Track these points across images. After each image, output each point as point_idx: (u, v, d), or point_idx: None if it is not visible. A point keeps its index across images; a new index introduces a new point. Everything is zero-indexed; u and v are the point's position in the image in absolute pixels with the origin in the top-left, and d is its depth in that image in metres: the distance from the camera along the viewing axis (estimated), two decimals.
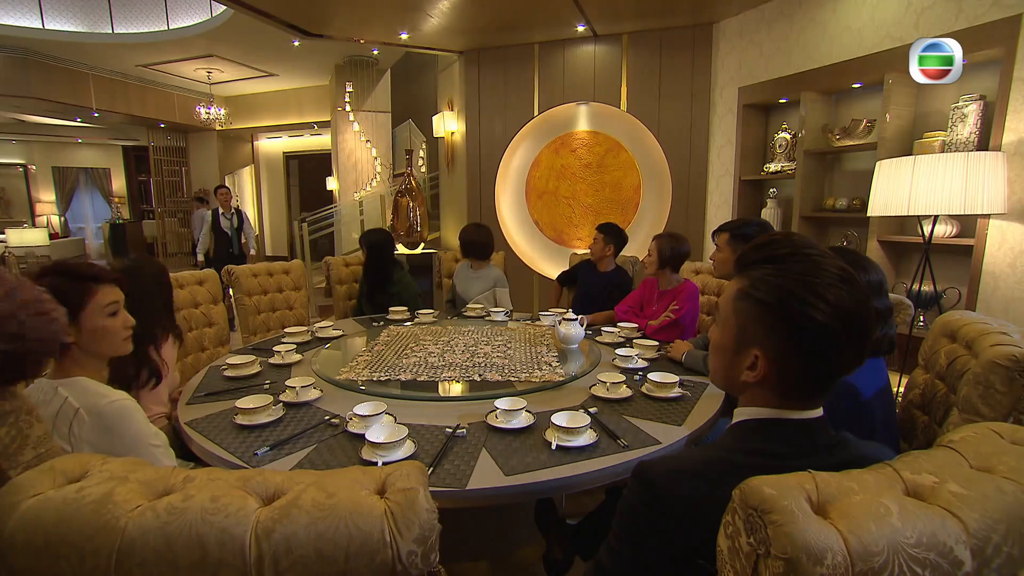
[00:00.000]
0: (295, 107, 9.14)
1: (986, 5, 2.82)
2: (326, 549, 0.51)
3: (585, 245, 5.42)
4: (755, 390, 0.75)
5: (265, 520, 0.52)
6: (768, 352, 0.71)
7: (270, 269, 2.82)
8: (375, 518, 0.53)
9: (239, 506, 0.53)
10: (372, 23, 4.58)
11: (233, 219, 5.67)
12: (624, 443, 1.36)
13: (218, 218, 5.64)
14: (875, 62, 3.30)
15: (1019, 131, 2.71)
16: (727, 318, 0.77)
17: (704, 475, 0.71)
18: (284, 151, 10.29)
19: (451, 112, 5.67)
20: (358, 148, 7.99)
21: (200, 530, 0.51)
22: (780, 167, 4.00)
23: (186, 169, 10.13)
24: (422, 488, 0.57)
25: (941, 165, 2.60)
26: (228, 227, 5.67)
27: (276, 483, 0.57)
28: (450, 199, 6.31)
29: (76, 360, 1.18)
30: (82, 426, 1.11)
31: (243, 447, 1.36)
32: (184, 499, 0.54)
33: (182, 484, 0.57)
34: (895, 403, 1.41)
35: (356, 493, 0.55)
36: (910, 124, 3.28)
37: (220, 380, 1.88)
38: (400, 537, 0.53)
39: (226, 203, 5.68)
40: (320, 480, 0.57)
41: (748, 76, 4.16)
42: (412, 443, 1.31)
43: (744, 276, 0.76)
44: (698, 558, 0.69)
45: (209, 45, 7.16)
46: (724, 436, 0.79)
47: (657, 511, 0.70)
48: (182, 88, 9.00)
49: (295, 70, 8.11)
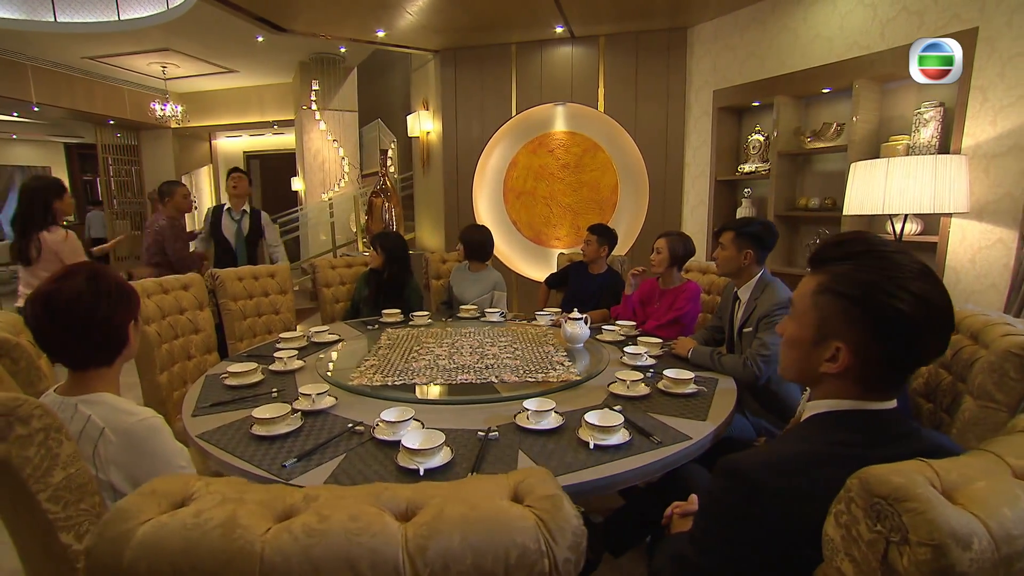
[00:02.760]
0: (256, 105, 8.81)
1: (946, 18, 3.01)
2: (485, 564, 0.49)
3: (564, 245, 5.47)
4: (834, 381, 0.78)
5: (414, 537, 0.50)
6: (852, 344, 0.74)
7: (255, 272, 2.71)
8: (528, 528, 0.51)
9: (381, 524, 0.50)
10: (348, 19, 4.48)
11: (243, 222, 3.61)
12: (657, 440, 1.38)
13: (220, 218, 3.60)
14: (844, 68, 3.47)
15: (977, 136, 2.91)
16: (805, 312, 0.80)
17: (795, 467, 0.73)
18: (245, 151, 9.90)
19: (426, 111, 5.60)
20: (325, 148, 7.78)
21: (348, 552, 0.48)
22: (754, 168, 4.15)
23: (138, 168, 9.60)
24: (564, 494, 0.56)
25: (912, 167, 2.76)
26: (233, 233, 3.57)
27: (406, 497, 0.55)
28: (425, 199, 6.24)
29: (101, 374, 1.10)
30: (108, 447, 1.03)
31: (267, 459, 1.30)
32: (320, 520, 0.50)
33: (305, 503, 0.53)
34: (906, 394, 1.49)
35: (497, 503, 0.54)
36: (876, 127, 3.47)
37: (221, 389, 1.79)
38: (556, 545, 0.51)
39: (239, 196, 3.60)
40: (454, 492, 0.55)
41: (722, 79, 4.29)
42: (449, 448, 1.29)
43: (823, 272, 0.78)
44: (793, 548, 0.71)
45: (165, 38, 6.81)
46: (805, 428, 0.82)
47: (755, 504, 0.72)
48: (134, 83, 8.52)
49: (257, 67, 7.82)
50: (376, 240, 3.02)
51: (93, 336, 1.06)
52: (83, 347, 1.06)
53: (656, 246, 2.61)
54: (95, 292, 1.05)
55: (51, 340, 1.05)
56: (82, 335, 1.05)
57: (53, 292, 1.03)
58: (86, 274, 1.06)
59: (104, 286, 1.07)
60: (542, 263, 5.51)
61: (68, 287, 1.03)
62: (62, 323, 1.03)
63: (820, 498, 0.70)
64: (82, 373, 1.09)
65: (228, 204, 3.63)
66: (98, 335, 1.06)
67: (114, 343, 1.10)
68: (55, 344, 1.05)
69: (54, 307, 1.02)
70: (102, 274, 1.09)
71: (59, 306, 1.02)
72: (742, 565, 0.74)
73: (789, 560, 0.71)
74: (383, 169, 5.50)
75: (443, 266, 3.58)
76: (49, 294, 1.03)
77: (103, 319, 1.06)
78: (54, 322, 1.03)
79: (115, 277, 1.11)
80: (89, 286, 1.05)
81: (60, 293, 1.03)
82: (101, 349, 1.08)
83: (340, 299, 3.20)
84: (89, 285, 1.05)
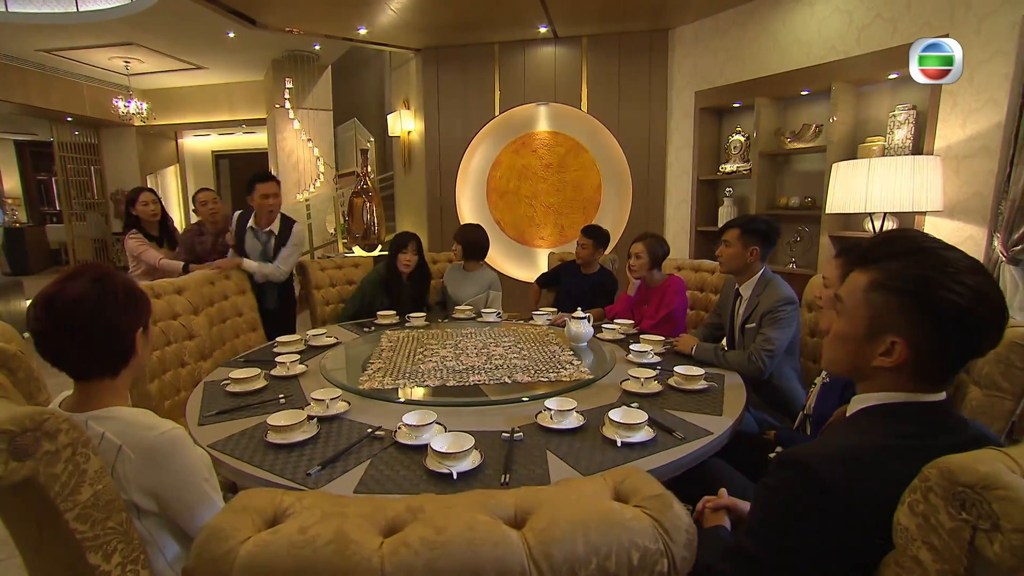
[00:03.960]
0: (226, 103, 8.54)
1: (918, 25, 3.14)
2: (610, 566, 0.48)
3: (548, 244, 5.49)
4: (887, 375, 0.80)
5: (536, 544, 0.48)
6: (909, 338, 0.76)
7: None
8: (645, 528, 0.51)
9: (500, 532, 0.49)
10: (330, 16, 4.38)
11: (270, 242, 2.89)
12: (680, 435, 1.39)
13: (243, 236, 2.90)
14: (822, 72, 3.59)
15: (948, 138, 3.05)
16: (856, 308, 0.82)
17: (858, 459, 0.75)
18: (213, 150, 9.58)
19: (408, 111, 5.53)
20: (299, 147, 7.60)
21: (474, 563, 0.46)
22: (735, 167, 4.25)
23: (98, 168, 9.17)
24: (670, 492, 0.56)
25: (891, 168, 2.88)
26: (258, 250, 2.89)
27: (512, 504, 0.53)
28: (407, 199, 6.16)
29: (110, 386, 1.03)
30: (127, 465, 0.95)
31: (289, 468, 1.26)
32: (437, 531, 0.48)
33: (411, 515, 0.51)
34: None
35: (607, 504, 0.53)
36: (853, 129, 3.60)
37: (224, 396, 1.73)
38: (673, 544, 0.51)
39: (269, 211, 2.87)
40: (558, 495, 0.54)
41: (704, 81, 4.38)
42: (478, 451, 1.27)
43: (874, 269, 0.80)
44: (856, 538, 0.72)
45: (129, 32, 6.50)
46: (857, 421, 0.83)
47: (818, 496, 0.73)
48: (94, 78, 8.13)
49: (227, 64, 7.57)
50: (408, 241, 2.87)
51: (96, 343, 0.98)
52: (85, 354, 0.98)
53: (634, 251, 2.60)
54: (100, 295, 0.98)
55: (51, 345, 0.97)
56: (84, 341, 0.97)
57: (56, 293, 0.96)
58: (92, 275, 0.99)
59: (111, 289, 0.99)
60: (526, 263, 5.52)
61: (72, 288, 0.96)
62: (63, 327, 0.95)
63: (884, 488, 0.71)
64: (87, 385, 1.01)
65: (253, 221, 2.89)
66: (102, 342, 0.99)
67: (119, 351, 1.02)
68: (55, 350, 0.97)
69: (56, 309, 0.95)
70: (110, 276, 1.02)
71: (61, 308, 0.95)
72: (804, 556, 0.75)
73: (851, 550, 0.72)
74: (363, 169, 5.42)
75: (433, 266, 3.54)
76: (52, 296, 0.96)
77: (108, 325, 0.99)
78: (55, 326, 0.95)
79: (124, 280, 1.04)
80: (94, 288, 0.97)
81: (63, 294, 0.95)
82: (104, 357, 1.00)
83: (331, 301, 3.13)
84: (94, 287, 0.98)
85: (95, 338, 0.97)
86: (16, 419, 0.77)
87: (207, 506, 1.03)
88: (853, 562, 0.73)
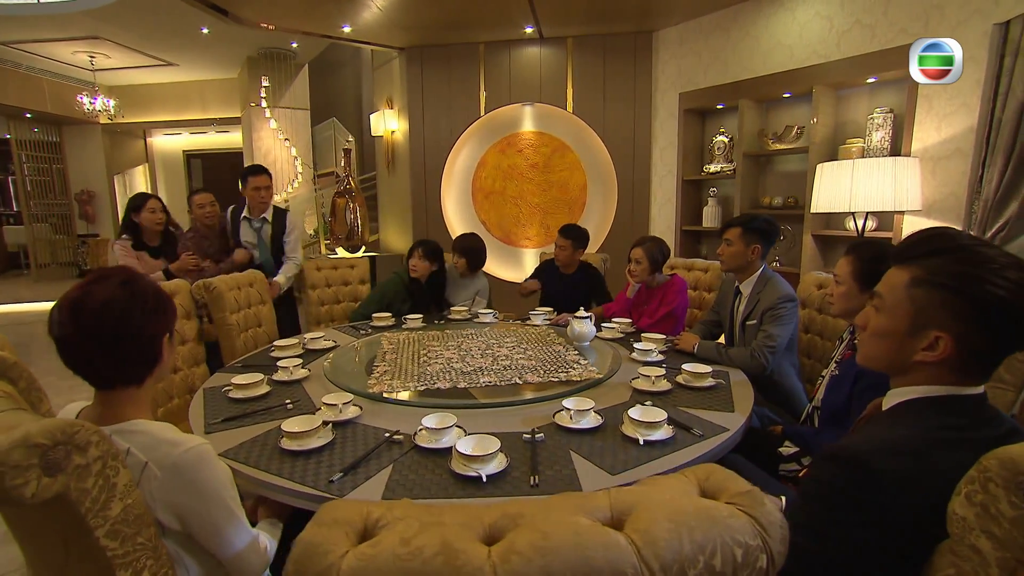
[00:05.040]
0: (198, 101, 8.29)
1: (895, 31, 3.26)
2: (716, 564, 0.48)
3: (534, 245, 5.50)
4: (929, 369, 0.82)
5: (643, 545, 0.48)
6: (954, 333, 0.79)
7: (237, 282, 2.53)
8: (744, 525, 0.51)
9: (605, 535, 0.48)
10: (313, 13, 4.29)
11: (263, 229, 3.09)
12: (699, 432, 1.41)
13: (238, 226, 3.11)
14: (803, 75, 3.69)
15: (924, 140, 3.17)
16: (898, 305, 0.84)
17: (908, 451, 0.77)
18: (185, 149, 9.29)
19: (391, 110, 5.47)
20: (276, 147, 7.44)
21: (586, 568, 0.45)
22: (719, 168, 4.34)
23: (61, 167, 8.78)
24: (757, 488, 0.56)
25: (874, 169, 2.98)
26: (253, 243, 3.08)
27: (606, 505, 0.53)
28: (390, 200, 6.08)
29: (134, 396, 0.98)
30: (153, 483, 0.91)
31: (309, 475, 1.23)
32: (544, 537, 0.47)
33: (509, 521, 0.49)
34: None
35: (700, 502, 0.53)
36: (833, 131, 3.71)
37: (227, 403, 1.68)
38: (771, 539, 0.51)
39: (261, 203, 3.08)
40: (647, 495, 0.54)
41: (688, 83, 4.45)
42: (503, 453, 1.26)
43: (915, 266, 0.83)
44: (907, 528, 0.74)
45: (94, 25, 6.25)
46: (898, 414, 0.86)
47: (869, 488, 0.74)
48: (56, 73, 7.80)
49: (199, 60, 7.36)
50: (425, 250, 2.88)
51: (124, 349, 0.94)
52: (111, 361, 0.93)
53: (634, 256, 2.59)
54: (129, 299, 0.94)
55: (77, 352, 0.92)
56: (111, 347, 0.93)
57: (82, 297, 0.91)
58: (121, 278, 0.95)
59: (140, 293, 0.96)
60: (512, 263, 5.52)
61: (99, 292, 0.92)
62: (90, 332, 0.91)
63: (934, 479, 0.73)
64: (109, 395, 0.96)
65: (247, 212, 3.12)
66: (129, 348, 0.95)
67: (146, 359, 0.98)
68: (80, 356, 0.92)
69: (82, 313, 0.90)
70: (138, 279, 0.98)
71: (88, 313, 0.90)
72: (854, 548, 0.76)
73: (900, 541, 0.74)
74: (347, 169, 5.33)
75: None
76: (78, 299, 0.91)
77: (136, 330, 0.94)
78: (81, 331, 0.90)
79: (152, 284, 1.00)
80: (123, 292, 0.93)
81: (90, 298, 0.91)
82: (131, 365, 0.96)
83: (326, 301, 3.07)
84: (123, 291, 0.93)
85: (123, 344, 0.92)
86: (48, 432, 0.73)
87: (233, 524, 0.99)
88: (901, 553, 0.75)
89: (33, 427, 0.73)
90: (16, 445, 0.70)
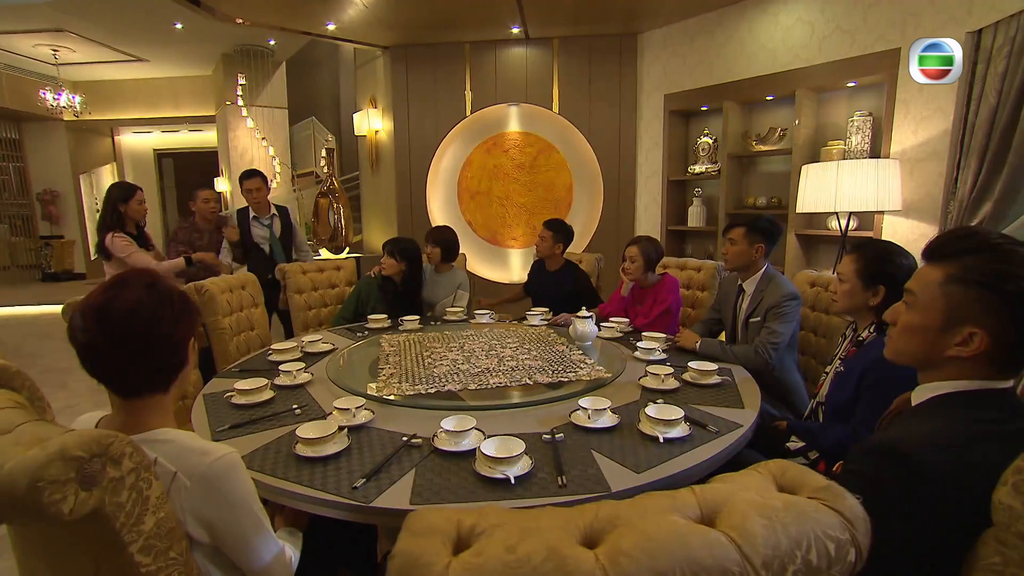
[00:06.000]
0: (169, 99, 8.03)
1: (873, 37, 3.37)
2: (812, 559, 0.48)
3: (520, 245, 5.50)
4: (961, 364, 0.85)
5: (742, 543, 0.47)
6: (989, 329, 0.81)
7: (230, 284, 2.46)
8: (832, 519, 0.51)
9: (706, 533, 0.48)
10: (297, 10, 4.20)
11: (274, 224, 3.43)
12: (715, 429, 1.43)
13: (248, 225, 3.40)
14: (786, 78, 3.78)
15: (902, 143, 3.28)
16: (932, 301, 0.86)
17: (948, 444, 0.79)
18: (155, 148, 8.98)
19: (375, 109, 5.39)
20: (253, 146, 7.27)
21: (694, 567, 0.45)
22: (704, 168, 4.41)
23: (21, 166, 8.39)
24: (835, 483, 0.56)
25: (857, 170, 3.07)
26: (266, 238, 3.41)
27: (695, 503, 0.52)
28: (374, 200, 6.00)
29: (159, 404, 0.94)
30: (183, 494, 0.87)
31: (331, 482, 1.20)
32: (648, 538, 0.46)
33: (609, 523, 0.49)
34: None
35: (784, 498, 0.53)
36: (814, 133, 3.81)
37: (230, 409, 1.63)
38: (857, 533, 0.52)
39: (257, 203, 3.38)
40: (730, 492, 0.53)
41: (673, 84, 4.52)
42: (528, 456, 1.25)
43: (948, 264, 0.85)
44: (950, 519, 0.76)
45: (58, 18, 5.99)
46: (932, 408, 0.88)
47: (918, 481, 0.76)
48: (15, 67, 7.45)
49: (172, 57, 7.13)
50: (393, 248, 2.84)
51: (154, 355, 0.90)
52: (141, 368, 0.89)
53: (629, 255, 2.62)
54: (156, 302, 0.90)
55: (104, 360, 0.88)
56: (141, 354, 0.88)
57: (108, 303, 0.87)
58: (145, 281, 0.91)
59: (166, 295, 0.92)
60: (498, 263, 5.51)
61: (126, 297, 0.87)
62: (119, 339, 0.86)
63: (974, 470, 0.76)
64: (134, 403, 0.92)
65: (253, 211, 3.40)
66: (159, 354, 0.91)
67: (175, 364, 0.94)
68: (108, 364, 0.88)
69: (109, 320, 0.86)
70: (161, 281, 0.94)
71: (116, 319, 0.86)
72: (897, 541, 0.78)
73: (942, 532, 0.76)
74: (330, 169, 5.24)
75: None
76: (103, 305, 0.86)
77: (166, 335, 0.91)
78: (109, 338, 0.86)
79: (175, 286, 0.96)
80: (150, 295, 0.89)
81: (117, 303, 0.87)
82: (161, 371, 0.92)
83: (313, 306, 3.00)
84: (150, 294, 0.89)
85: (153, 350, 0.88)
86: (84, 444, 0.69)
87: (262, 535, 0.96)
88: (944, 544, 0.77)
89: (68, 439, 0.69)
90: (53, 458, 0.66)
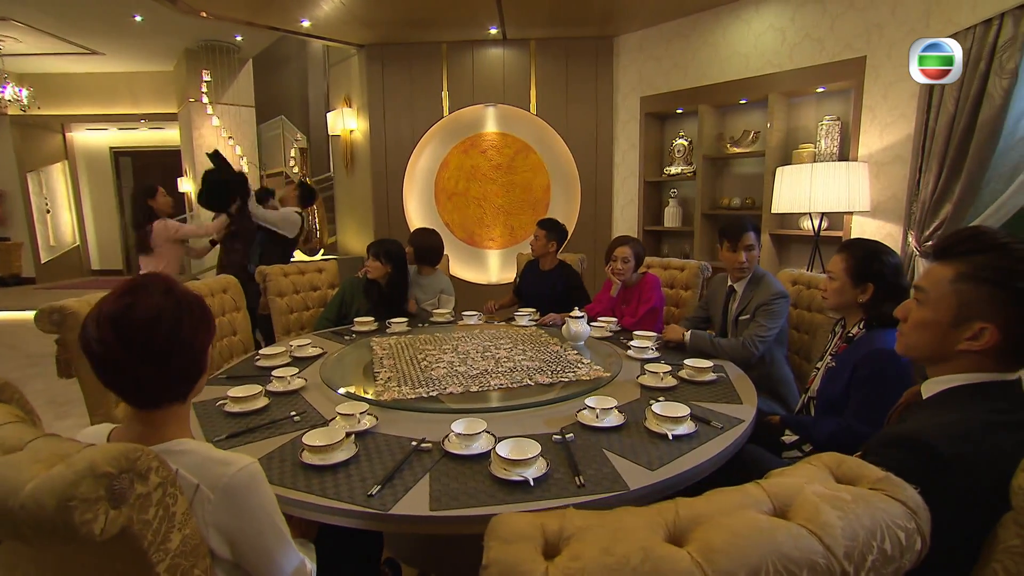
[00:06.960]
0: (127, 95, 7.67)
1: (841, 46, 3.52)
2: (887, 549, 0.50)
3: (498, 246, 5.50)
4: (971, 358, 0.90)
5: (822, 535, 0.48)
6: (1000, 324, 0.86)
7: (211, 288, 2.37)
8: (898, 510, 0.53)
9: (787, 527, 0.48)
10: (270, 4, 4.07)
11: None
12: (719, 425, 1.46)
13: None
14: (759, 83, 3.90)
15: (869, 146, 3.44)
16: (943, 298, 0.90)
17: (966, 434, 0.83)
18: (112, 146, 8.55)
19: (350, 109, 5.29)
20: (219, 145, 6.99)
21: (784, 560, 0.45)
22: (680, 170, 4.51)
23: None
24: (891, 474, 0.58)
25: (829, 172, 3.20)
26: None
27: (765, 497, 0.53)
28: (349, 201, 5.88)
29: (176, 414, 0.89)
30: (206, 506, 0.83)
31: (345, 490, 1.17)
32: (734, 534, 0.46)
33: (692, 521, 0.49)
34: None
35: (849, 489, 0.54)
36: (786, 136, 3.95)
37: (224, 418, 1.57)
38: (922, 522, 0.53)
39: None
40: (797, 484, 0.54)
41: (648, 87, 4.60)
42: (543, 457, 1.25)
43: (958, 262, 0.90)
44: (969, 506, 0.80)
45: (1, 5, 5.64)
46: (944, 401, 0.92)
47: (941, 471, 0.80)
48: None
49: (129, 50, 6.81)
50: (378, 250, 2.79)
51: (175, 364, 0.85)
52: (161, 378, 0.85)
53: (621, 255, 2.65)
54: (176, 309, 0.85)
55: (123, 371, 0.82)
56: (163, 364, 0.84)
57: (126, 310, 0.81)
58: (162, 287, 0.86)
59: (185, 301, 0.87)
60: (476, 264, 5.49)
61: (145, 304, 0.82)
62: (139, 349, 0.81)
63: (994, 459, 0.80)
64: (152, 415, 0.87)
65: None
66: (181, 362, 0.86)
67: (194, 372, 0.90)
68: (127, 376, 0.83)
69: (128, 328, 0.81)
70: (178, 286, 0.89)
71: (135, 328, 0.81)
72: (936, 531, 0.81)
73: (964, 519, 0.80)
74: (304, 170, 5.11)
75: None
76: (121, 314, 0.81)
77: (187, 343, 0.86)
78: (128, 348, 0.81)
79: (190, 290, 0.92)
80: (169, 302, 0.85)
81: (136, 311, 0.81)
82: (181, 380, 0.88)
83: (295, 309, 2.92)
84: (169, 300, 0.85)
85: (175, 360, 0.84)
86: (113, 459, 0.65)
87: (284, 547, 0.93)
88: (965, 531, 0.81)
89: (96, 454, 0.65)
90: (83, 475, 0.62)
